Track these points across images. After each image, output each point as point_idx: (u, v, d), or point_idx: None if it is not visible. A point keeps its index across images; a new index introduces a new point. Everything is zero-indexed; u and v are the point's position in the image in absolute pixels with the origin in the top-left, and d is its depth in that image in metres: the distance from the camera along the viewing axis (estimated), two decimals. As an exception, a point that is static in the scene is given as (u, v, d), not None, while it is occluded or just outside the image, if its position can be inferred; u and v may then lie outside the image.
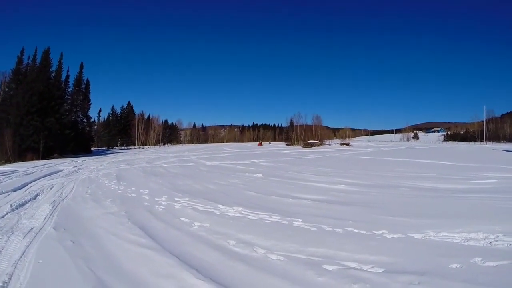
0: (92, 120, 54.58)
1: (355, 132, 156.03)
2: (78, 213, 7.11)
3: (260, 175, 13.36)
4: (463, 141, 73.30)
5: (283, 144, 79.93)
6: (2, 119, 30.61)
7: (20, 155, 28.31)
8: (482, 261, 3.69)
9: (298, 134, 75.81)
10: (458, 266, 3.60)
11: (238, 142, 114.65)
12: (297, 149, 49.43)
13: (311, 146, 56.18)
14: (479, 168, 13.81)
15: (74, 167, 19.38)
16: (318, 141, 64.49)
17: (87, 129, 49.86)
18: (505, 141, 72.78)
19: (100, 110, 77.12)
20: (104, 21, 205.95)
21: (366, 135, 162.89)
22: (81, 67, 48.35)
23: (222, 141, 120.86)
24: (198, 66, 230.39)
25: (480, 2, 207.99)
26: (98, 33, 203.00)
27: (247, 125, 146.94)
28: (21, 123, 29.69)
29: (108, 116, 78.87)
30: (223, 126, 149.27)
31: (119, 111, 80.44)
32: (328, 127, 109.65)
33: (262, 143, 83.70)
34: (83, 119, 48.23)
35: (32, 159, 27.61)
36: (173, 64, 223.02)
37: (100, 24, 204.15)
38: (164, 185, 11.11)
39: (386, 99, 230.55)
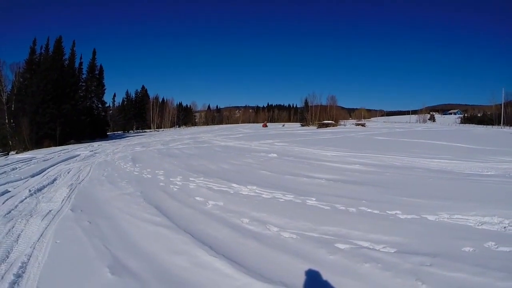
0: (107, 105, 55.25)
1: (371, 113, 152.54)
2: (95, 195, 7.28)
3: (275, 155, 13.34)
4: (480, 124, 69.95)
5: (298, 124, 79.49)
6: (19, 109, 31.19)
7: (37, 143, 28.91)
8: (496, 246, 3.61)
9: (313, 115, 74.98)
10: (470, 249, 3.54)
11: (253, 123, 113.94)
12: (312, 129, 49.13)
13: (326, 127, 55.85)
14: (496, 151, 13.36)
15: (90, 151, 19.72)
16: (333, 122, 63.93)
17: (103, 114, 50.50)
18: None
19: (114, 95, 78.40)
20: (115, 7, 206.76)
21: (381, 115, 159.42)
22: (94, 53, 48.50)
23: (237, 122, 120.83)
24: (212, 48, 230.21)
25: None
26: (110, 19, 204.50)
27: (262, 106, 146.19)
28: (37, 111, 30.23)
29: (123, 100, 79.72)
30: (237, 107, 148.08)
31: (133, 95, 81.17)
32: (343, 108, 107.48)
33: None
34: (98, 104, 48.74)
35: (49, 146, 28.18)
36: (187, 47, 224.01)
37: (112, 11, 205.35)
38: (179, 166, 11.22)
39: (403, 79, 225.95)
